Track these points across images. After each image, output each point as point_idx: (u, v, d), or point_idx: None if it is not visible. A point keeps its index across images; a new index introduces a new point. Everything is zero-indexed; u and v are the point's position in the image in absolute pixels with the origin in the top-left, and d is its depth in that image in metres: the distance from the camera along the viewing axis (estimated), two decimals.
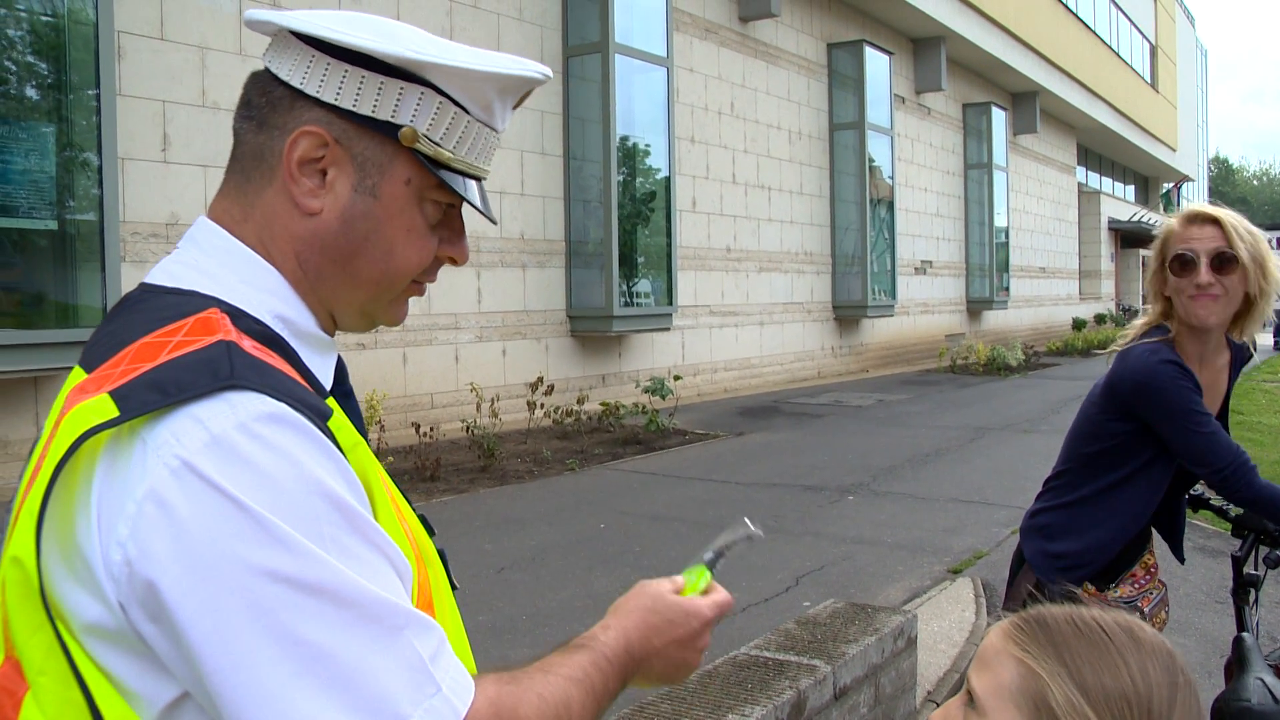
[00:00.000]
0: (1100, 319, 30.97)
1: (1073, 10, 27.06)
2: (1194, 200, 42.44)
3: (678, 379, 10.96)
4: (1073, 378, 15.96)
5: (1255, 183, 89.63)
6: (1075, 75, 26.41)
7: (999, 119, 22.40)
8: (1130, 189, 42.16)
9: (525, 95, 1.00)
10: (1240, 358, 2.34)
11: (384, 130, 0.92)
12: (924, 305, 19.80)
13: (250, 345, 0.84)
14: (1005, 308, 23.27)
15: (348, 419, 0.89)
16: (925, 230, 19.97)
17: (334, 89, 0.90)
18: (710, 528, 5.35)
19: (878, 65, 16.62)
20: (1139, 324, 2.31)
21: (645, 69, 11.42)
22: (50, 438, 0.80)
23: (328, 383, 0.95)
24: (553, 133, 10.76)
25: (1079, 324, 28.25)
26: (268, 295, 0.92)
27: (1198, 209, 2.20)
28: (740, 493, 7.22)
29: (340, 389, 0.99)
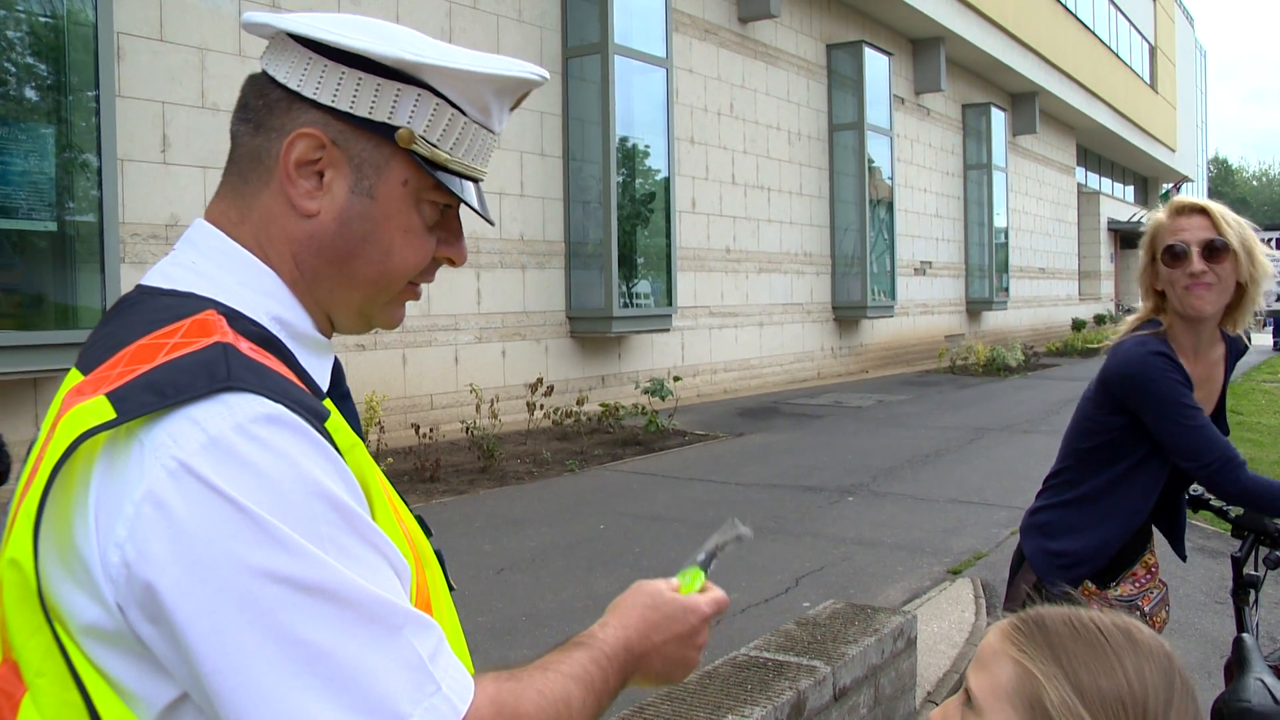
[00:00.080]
0: (1100, 319, 30.95)
1: (1072, 11, 27.06)
2: None
3: (677, 380, 10.97)
4: (1072, 378, 15.94)
5: (1255, 183, 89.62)
6: (1075, 76, 26.42)
7: (998, 120, 22.39)
8: (1130, 189, 42.13)
9: (523, 97, 1.00)
10: (1235, 350, 2.33)
11: (381, 131, 0.92)
12: (923, 306, 19.80)
13: (247, 347, 0.84)
14: (1005, 308, 23.26)
15: (345, 421, 0.90)
16: (925, 231, 19.96)
17: (331, 91, 0.91)
18: (710, 529, 5.37)
19: (877, 66, 16.62)
20: (1131, 320, 2.32)
21: (645, 70, 11.42)
22: (47, 439, 0.80)
23: (325, 384, 0.96)
24: (552, 134, 10.76)
25: (1079, 325, 28.25)
26: (265, 297, 0.92)
27: (1184, 200, 2.20)
28: (740, 493, 7.22)
29: (337, 391, 0.99)
